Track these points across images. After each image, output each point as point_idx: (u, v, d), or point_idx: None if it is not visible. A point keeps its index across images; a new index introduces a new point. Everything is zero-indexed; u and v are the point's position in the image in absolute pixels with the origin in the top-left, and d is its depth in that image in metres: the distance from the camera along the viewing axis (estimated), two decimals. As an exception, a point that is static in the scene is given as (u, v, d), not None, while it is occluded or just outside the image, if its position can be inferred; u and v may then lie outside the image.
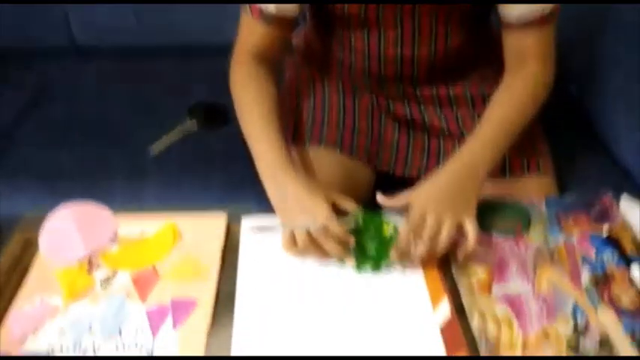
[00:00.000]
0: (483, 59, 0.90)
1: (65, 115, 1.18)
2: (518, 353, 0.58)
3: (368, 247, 0.68)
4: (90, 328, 0.60)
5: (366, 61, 0.85)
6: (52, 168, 1.04)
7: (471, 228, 0.66)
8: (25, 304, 0.63)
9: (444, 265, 0.68)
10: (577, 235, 0.71)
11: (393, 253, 0.66)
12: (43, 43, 1.40)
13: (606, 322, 0.61)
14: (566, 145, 0.99)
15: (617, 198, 0.76)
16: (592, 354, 0.58)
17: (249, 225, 0.73)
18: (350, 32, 0.83)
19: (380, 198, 0.70)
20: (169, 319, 0.62)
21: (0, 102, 1.22)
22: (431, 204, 0.66)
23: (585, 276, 0.66)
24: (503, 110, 0.77)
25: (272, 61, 0.84)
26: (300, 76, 0.96)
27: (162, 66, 1.34)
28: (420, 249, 0.65)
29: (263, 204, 0.72)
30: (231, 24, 0.84)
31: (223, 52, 0.86)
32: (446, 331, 0.60)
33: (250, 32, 0.81)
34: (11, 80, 1.30)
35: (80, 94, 1.25)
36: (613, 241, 0.70)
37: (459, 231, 0.66)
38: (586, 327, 0.60)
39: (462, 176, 0.70)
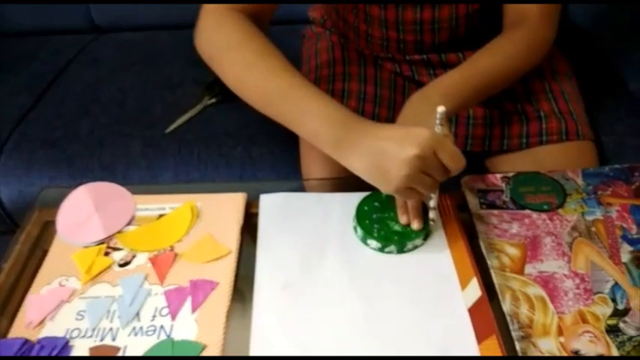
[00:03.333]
0: None
1: (84, 93, 1.18)
2: (553, 336, 0.54)
3: (392, 226, 0.65)
4: (108, 311, 0.59)
5: (384, 28, 0.81)
6: (71, 145, 1.04)
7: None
8: (43, 286, 0.62)
9: (473, 243, 0.65)
10: (616, 209, 0.67)
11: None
12: (63, 24, 1.42)
13: (649, 303, 0.57)
14: (604, 111, 0.94)
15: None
16: (634, 337, 0.54)
17: (268, 202, 0.71)
18: None
19: None
20: (188, 301, 0.60)
21: (19, 81, 1.24)
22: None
23: (626, 253, 0.62)
24: (488, 58, 0.71)
25: (260, 21, 0.68)
26: (320, 48, 0.92)
27: (179, 43, 1.33)
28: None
29: (281, 179, 0.70)
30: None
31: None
32: (475, 313, 0.57)
33: None
34: (31, 60, 1.32)
35: (98, 73, 1.25)
36: (656, 215, 0.66)
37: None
38: (627, 309, 0.56)
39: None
